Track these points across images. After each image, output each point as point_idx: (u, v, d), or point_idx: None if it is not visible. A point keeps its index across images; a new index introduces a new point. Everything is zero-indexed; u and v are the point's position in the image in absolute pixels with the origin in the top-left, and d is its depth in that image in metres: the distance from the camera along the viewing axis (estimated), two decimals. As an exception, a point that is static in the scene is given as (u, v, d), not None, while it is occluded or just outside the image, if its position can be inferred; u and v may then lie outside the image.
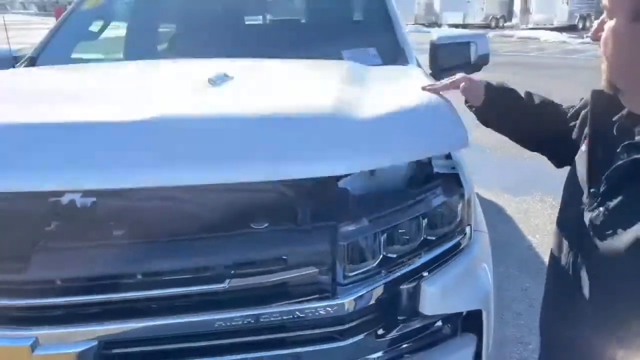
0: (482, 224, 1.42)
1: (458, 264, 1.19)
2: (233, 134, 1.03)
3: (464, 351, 1.23)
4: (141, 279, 0.97)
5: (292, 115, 1.11)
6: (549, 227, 3.81)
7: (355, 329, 1.07)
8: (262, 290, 1.02)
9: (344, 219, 1.05)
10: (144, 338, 0.99)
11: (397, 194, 1.13)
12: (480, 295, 1.22)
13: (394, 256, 1.11)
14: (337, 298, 1.03)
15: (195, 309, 0.99)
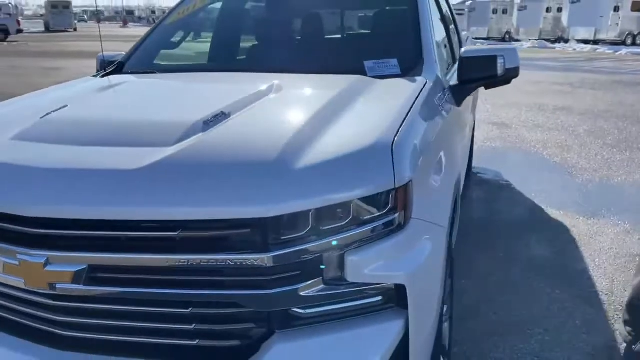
0: (436, 217, 1.59)
1: (384, 242, 1.38)
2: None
3: (390, 323, 1.41)
4: (116, 224, 1.31)
5: (227, 163, 1.37)
6: (614, 251, 3.68)
7: (279, 281, 1.31)
8: (210, 240, 1.31)
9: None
10: (116, 266, 1.34)
11: (334, 178, 1.36)
12: (405, 273, 1.39)
13: (324, 228, 1.33)
14: (265, 253, 1.29)
15: (155, 250, 1.31)
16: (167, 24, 3.01)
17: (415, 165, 1.51)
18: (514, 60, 2.45)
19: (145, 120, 1.70)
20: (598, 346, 2.62)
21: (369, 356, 1.37)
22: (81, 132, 1.59)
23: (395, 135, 1.50)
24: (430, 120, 1.83)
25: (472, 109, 4.49)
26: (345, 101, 1.78)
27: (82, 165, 1.38)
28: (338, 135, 1.51)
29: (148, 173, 1.33)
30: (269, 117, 1.69)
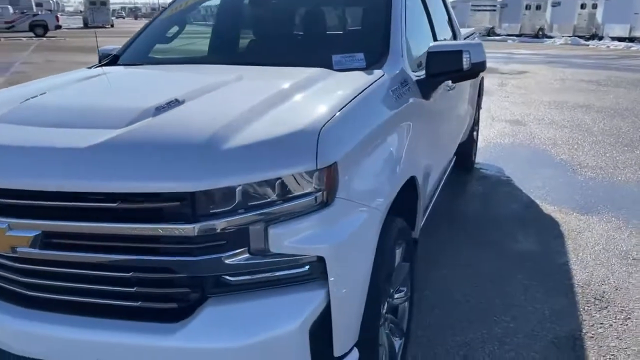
0: (369, 200, 1.71)
1: (306, 217, 1.51)
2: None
3: (311, 293, 1.54)
4: (66, 196, 1.49)
5: (164, 143, 1.53)
6: (599, 247, 3.70)
7: (205, 249, 1.47)
8: (145, 211, 1.47)
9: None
10: (66, 233, 1.52)
11: (260, 158, 1.50)
12: (325, 246, 1.52)
13: (249, 203, 1.48)
14: (192, 224, 1.44)
15: (98, 219, 1.48)
16: (161, 19, 3.20)
17: (344, 151, 1.64)
18: (479, 55, 2.54)
19: (106, 105, 1.88)
20: (562, 335, 2.69)
21: (289, 322, 1.51)
22: (48, 115, 1.78)
23: (326, 122, 1.63)
24: (375, 110, 1.95)
25: (469, 103, 4.55)
26: (294, 91, 1.92)
27: (40, 144, 1.56)
28: (273, 120, 1.65)
29: (93, 151, 1.50)
30: (217, 104, 1.84)
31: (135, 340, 1.52)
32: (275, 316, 1.53)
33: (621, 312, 2.89)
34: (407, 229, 2.31)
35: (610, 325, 2.77)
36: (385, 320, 2.21)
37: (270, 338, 1.50)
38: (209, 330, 1.50)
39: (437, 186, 3.48)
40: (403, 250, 2.29)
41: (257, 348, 1.50)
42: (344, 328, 1.64)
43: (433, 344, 2.62)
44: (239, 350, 1.49)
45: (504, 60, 17.21)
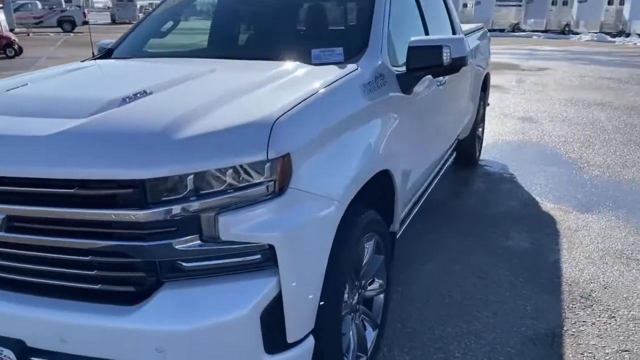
0: (327, 191, 1.75)
1: (256, 206, 1.56)
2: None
3: (262, 280, 1.59)
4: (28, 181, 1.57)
5: (120, 132, 1.60)
6: (594, 246, 3.66)
7: (156, 235, 1.52)
8: (100, 197, 1.54)
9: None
10: (29, 217, 1.59)
11: (212, 149, 1.55)
12: (274, 235, 1.56)
13: (199, 191, 1.53)
14: (143, 210, 1.50)
15: (57, 204, 1.55)
16: (155, 14, 3.28)
17: (300, 143, 1.68)
18: (460, 50, 2.54)
19: (76, 96, 1.95)
20: (541, 332, 2.68)
21: (239, 307, 1.56)
22: (21, 105, 1.86)
23: (282, 115, 1.67)
24: (338, 104, 1.97)
25: (470, 100, 4.53)
26: (260, 84, 1.97)
27: (6, 132, 1.64)
28: (232, 112, 1.70)
29: (53, 139, 1.57)
30: (182, 95, 1.89)
31: (94, 321, 1.59)
32: (226, 301, 1.58)
33: (606, 310, 2.86)
34: (381, 222, 2.34)
35: (593, 324, 2.75)
36: (355, 311, 2.26)
37: (220, 322, 1.56)
38: (161, 313, 1.56)
39: (428, 181, 3.49)
40: (375, 243, 2.32)
41: (207, 331, 1.55)
42: (296, 315, 1.68)
43: (410, 336, 2.65)
44: (189, 333, 1.55)
45: (525, 56, 16.94)
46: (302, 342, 1.74)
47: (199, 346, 1.57)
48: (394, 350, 2.54)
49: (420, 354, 2.52)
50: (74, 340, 1.62)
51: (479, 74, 4.85)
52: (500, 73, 12.60)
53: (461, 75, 3.97)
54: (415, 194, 3.20)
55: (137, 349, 1.58)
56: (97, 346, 1.61)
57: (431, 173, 3.53)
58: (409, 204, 3.08)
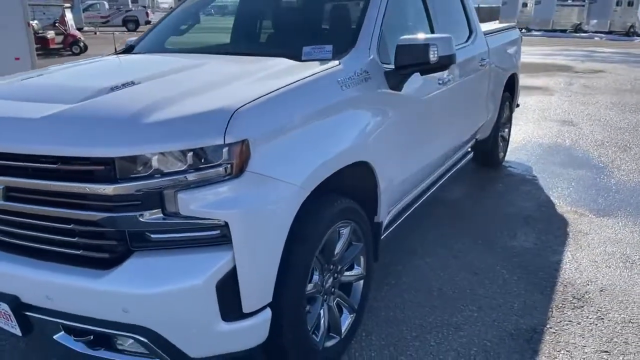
0: (287, 176, 1.89)
1: (214, 186, 1.72)
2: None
3: (218, 253, 1.75)
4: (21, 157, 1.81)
5: (98, 116, 1.81)
6: (601, 249, 3.62)
7: (123, 207, 1.72)
8: (78, 172, 1.75)
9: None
10: (23, 188, 1.84)
11: (175, 132, 1.74)
12: (228, 212, 1.72)
13: (162, 170, 1.72)
14: (112, 184, 1.70)
15: (45, 177, 1.78)
16: (174, 14, 3.54)
17: (261, 131, 1.83)
18: (447, 49, 2.62)
19: (74, 85, 2.19)
20: (522, 328, 2.71)
21: (195, 277, 1.73)
22: (28, 92, 2.12)
23: (245, 104, 1.83)
24: (308, 97, 2.11)
25: (488, 100, 4.52)
26: (238, 77, 2.14)
27: (7, 114, 1.89)
28: (202, 101, 1.88)
29: (43, 121, 1.80)
30: (163, 85, 2.09)
31: (73, 282, 1.81)
32: (185, 271, 1.76)
33: (596, 312, 2.85)
34: (359, 211, 2.45)
35: (579, 324, 2.75)
36: (330, 293, 2.39)
37: (178, 289, 1.74)
38: (128, 278, 1.76)
39: (431, 180, 3.54)
40: (352, 231, 2.44)
41: (167, 296, 1.74)
42: (251, 289, 1.84)
43: (391, 323, 2.74)
44: (150, 296, 1.74)
45: (581, 58, 16.33)
46: (258, 314, 1.90)
47: (159, 309, 1.76)
48: (372, 336, 2.65)
49: (396, 340, 2.61)
50: (57, 298, 1.85)
51: (501, 75, 4.82)
52: (551, 75, 12.27)
53: (473, 75, 4.02)
54: (413, 190, 3.27)
55: (108, 308, 1.79)
56: (75, 304, 1.83)
57: (434, 172, 3.59)
58: (405, 199, 3.17)
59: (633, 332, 2.67)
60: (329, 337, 2.42)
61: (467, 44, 4.05)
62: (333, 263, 2.38)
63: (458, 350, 2.53)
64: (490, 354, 2.52)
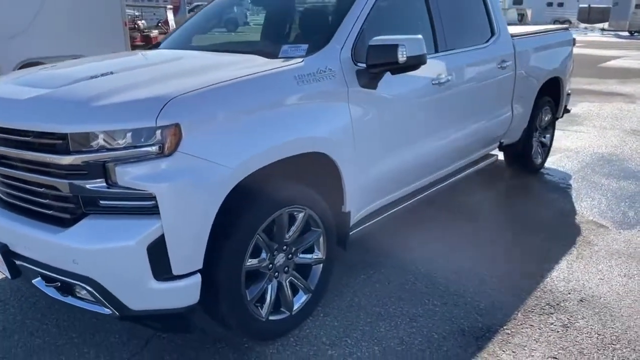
0: (218, 158, 2.14)
1: (147, 162, 2.01)
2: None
3: (149, 221, 2.04)
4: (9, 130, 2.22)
5: (62, 99, 2.18)
6: (602, 261, 3.50)
7: (73, 176, 2.06)
8: (44, 144, 2.12)
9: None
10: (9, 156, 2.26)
11: (117, 114, 2.06)
12: (156, 186, 2.00)
13: (105, 145, 2.04)
14: (65, 156, 2.05)
15: (21, 148, 2.18)
16: (199, 14, 3.91)
17: (197, 117, 2.10)
18: (416, 49, 2.72)
19: (67, 74, 2.58)
20: (477, 326, 2.74)
21: (129, 239, 2.03)
22: (35, 80, 2.54)
23: (183, 93, 2.11)
24: (258, 89, 2.34)
25: (516, 103, 4.43)
26: (199, 70, 2.43)
27: (7, 95, 2.33)
28: (151, 88, 2.18)
29: (24, 102, 2.21)
30: (131, 76, 2.42)
31: (41, 235, 2.19)
32: (122, 233, 2.07)
33: (564, 320, 2.80)
34: (315, 199, 2.64)
35: (539, 329, 2.72)
36: (283, 271, 2.61)
37: (114, 247, 2.06)
38: (77, 235, 2.11)
39: (429, 180, 3.60)
40: (308, 216, 2.63)
41: (105, 252, 2.06)
42: (178, 254, 2.10)
43: (351, 309, 2.90)
44: (92, 251, 2.08)
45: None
46: (188, 277, 2.17)
47: (100, 262, 2.09)
48: (329, 317, 2.82)
49: (350, 324, 2.77)
50: (31, 247, 2.25)
51: (534, 79, 4.70)
52: (630, 82, 11.36)
53: (489, 77, 4.00)
54: (401, 189, 3.36)
55: (63, 259, 2.15)
56: (42, 254, 2.22)
57: (431, 173, 3.63)
58: (389, 196, 3.27)
59: (593, 343, 2.61)
60: (278, 311, 2.64)
61: (484, 45, 4.03)
62: (285, 244, 2.59)
63: (402, 339, 2.64)
64: (434, 345, 2.59)
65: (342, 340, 2.63)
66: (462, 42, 3.78)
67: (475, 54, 3.87)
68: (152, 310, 2.20)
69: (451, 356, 2.52)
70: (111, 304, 2.16)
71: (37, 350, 2.60)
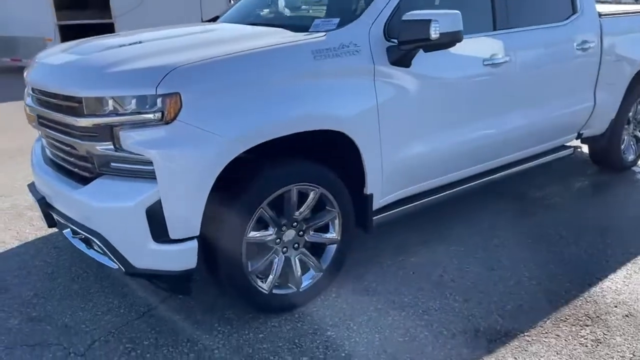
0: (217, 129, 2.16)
1: (148, 128, 2.10)
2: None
3: (148, 185, 2.14)
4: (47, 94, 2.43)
5: (85, 65, 2.35)
6: None
7: (86, 137, 2.21)
8: (67, 107, 2.30)
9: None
10: (45, 117, 2.48)
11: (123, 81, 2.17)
12: (154, 152, 2.09)
13: (113, 110, 2.15)
14: (80, 118, 2.21)
15: (52, 109, 2.39)
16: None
17: (199, 88, 2.14)
18: (451, 26, 2.52)
19: (106, 42, 2.73)
20: (494, 329, 2.55)
21: (130, 200, 2.16)
22: (80, 47, 2.73)
23: (186, 64, 2.16)
24: (269, 63, 2.32)
25: (595, 92, 3.97)
26: (217, 42, 2.48)
27: (49, 62, 2.55)
28: (163, 58, 2.25)
29: (58, 66, 2.41)
30: (152, 45, 2.51)
31: (65, 190, 2.40)
32: (125, 194, 2.20)
33: (598, 335, 2.50)
34: (328, 178, 2.59)
35: (566, 340, 2.46)
36: (293, 248, 2.62)
37: (117, 206, 2.20)
38: (89, 193, 2.28)
39: (475, 168, 3.37)
40: (320, 195, 2.60)
41: (109, 210, 2.21)
42: (174, 219, 2.19)
43: (366, 293, 2.83)
44: (98, 209, 2.24)
45: None
46: (185, 242, 2.25)
47: (105, 220, 2.24)
48: (340, 298, 2.79)
49: (359, 307, 2.70)
50: (60, 201, 2.48)
51: (627, 64, 4.15)
52: None
53: (564, 59, 3.63)
54: (441, 176, 3.18)
55: (79, 213, 2.35)
56: (67, 207, 2.44)
57: (481, 162, 3.38)
58: (425, 183, 3.11)
59: (625, 364, 2.31)
60: (286, 286, 2.66)
61: (561, 23, 3.63)
62: (295, 220, 2.59)
63: (408, 330, 2.53)
64: (439, 341, 2.46)
65: (345, 324, 2.58)
66: (530, 20, 3.45)
67: (546, 33, 3.51)
68: (153, 269, 2.32)
69: (453, 355, 2.37)
70: (117, 259, 2.31)
71: (71, 294, 2.87)
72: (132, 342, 2.47)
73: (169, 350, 2.41)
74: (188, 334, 2.53)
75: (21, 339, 2.51)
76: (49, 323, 2.62)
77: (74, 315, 2.69)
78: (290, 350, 2.40)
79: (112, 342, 2.48)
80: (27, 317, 2.67)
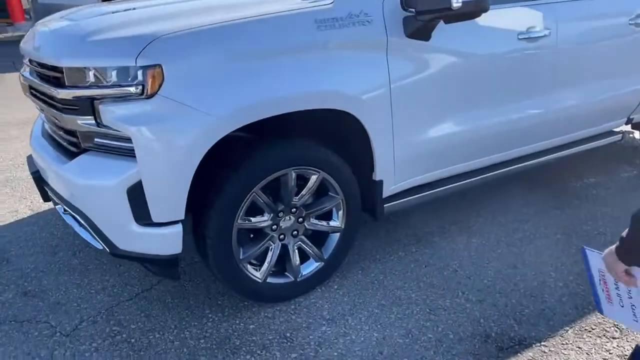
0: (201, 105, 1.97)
1: (127, 102, 1.94)
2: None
3: (130, 163, 2.00)
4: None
5: (71, 33, 2.19)
6: None
7: (67, 110, 2.07)
8: (51, 77, 2.17)
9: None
10: (37, 90, 2.37)
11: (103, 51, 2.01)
12: (133, 128, 1.92)
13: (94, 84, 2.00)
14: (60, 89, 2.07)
15: (39, 79, 2.27)
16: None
17: (182, 60, 1.95)
18: (474, -7, 2.23)
19: (101, 10, 2.56)
20: (508, 335, 2.31)
21: (110, 179, 2.01)
22: (79, 13, 2.58)
23: (168, 34, 1.96)
24: (264, 33, 2.09)
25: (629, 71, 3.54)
26: (209, 9, 2.25)
27: (42, 29, 2.43)
28: (146, 25, 2.06)
29: (46, 34, 2.29)
30: (143, 12, 2.28)
31: (54, 165, 2.30)
32: (107, 172, 2.06)
33: (626, 350, 2.21)
34: (331, 162, 2.38)
35: (588, 354, 2.19)
36: (287, 234, 2.44)
37: (98, 184, 2.06)
38: (72, 168, 2.16)
39: (502, 154, 3.06)
40: (322, 180, 2.39)
41: (91, 188, 2.08)
42: (156, 201, 2.03)
43: (371, 287, 2.63)
44: (81, 186, 2.12)
45: None
46: (169, 226, 2.10)
47: (87, 198, 2.12)
48: (341, 290, 2.60)
49: (361, 302, 2.51)
50: (50, 175, 2.39)
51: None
52: None
53: (611, 36, 3.24)
54: (463, 162, 2.89)
55: (65, 189, 2.24)
56: (55, 183, 2.34)
57: (512, 147, 3.07)
58: (445, 169, 2.84)
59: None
60: (282, 275, 2.49)
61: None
62: (294, 206, 2.40)
63: (410, 331, 2.32)
64: (443, 345, 2.23)
65: (344, 318, 2.40)
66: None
67: (594, 4, 3.11)
68: (137, 253, 2.19)
69: (457, 363, 2.15)
70: (101, 240, 2.19)
71: (70, 269, 2.81)
72: (120, 324, 2.38)
73: (155, 337, 2.30)
74: (177, 319, 2.42)
75: (12, 314, 2.46)
76: (42, 299, 2.57)
77: (68, 292, 2.63)
78: (280, 345, 2.24)
79: (99, 322, 2.40)
80: (22, 291, 2.63)
